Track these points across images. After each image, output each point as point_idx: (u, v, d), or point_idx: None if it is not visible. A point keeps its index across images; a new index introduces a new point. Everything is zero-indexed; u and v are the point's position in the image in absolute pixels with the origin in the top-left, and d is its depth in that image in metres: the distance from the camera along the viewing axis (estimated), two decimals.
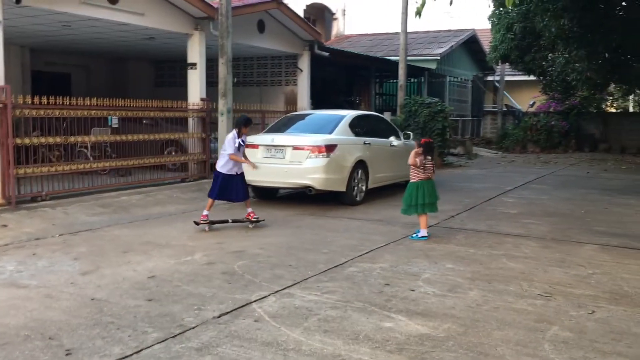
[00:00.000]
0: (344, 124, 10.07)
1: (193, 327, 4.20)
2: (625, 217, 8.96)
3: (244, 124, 8.02)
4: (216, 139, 12.00)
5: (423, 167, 7.40)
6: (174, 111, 11.47)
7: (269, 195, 10.64)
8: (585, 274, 5.67)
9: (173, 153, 12.37)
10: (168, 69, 18.04)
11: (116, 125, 10.36)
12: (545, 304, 4.76)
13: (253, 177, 9.84)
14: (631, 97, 28.77)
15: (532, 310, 4.60)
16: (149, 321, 4.33)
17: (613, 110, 28.13)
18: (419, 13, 9.29)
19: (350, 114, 10.64)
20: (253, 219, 8.03)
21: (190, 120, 11.98)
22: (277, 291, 5.06)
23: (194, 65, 12.27)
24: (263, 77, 16.43)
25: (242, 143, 8.02)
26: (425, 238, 7.21)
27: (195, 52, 12.24)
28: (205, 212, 7.87)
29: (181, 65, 16.82)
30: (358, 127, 10.39)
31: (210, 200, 8.02)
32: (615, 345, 3.91)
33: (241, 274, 5.63)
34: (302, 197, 10.39)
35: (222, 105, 11.59)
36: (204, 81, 12.34)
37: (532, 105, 26.84)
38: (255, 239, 7.27)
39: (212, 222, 7.86)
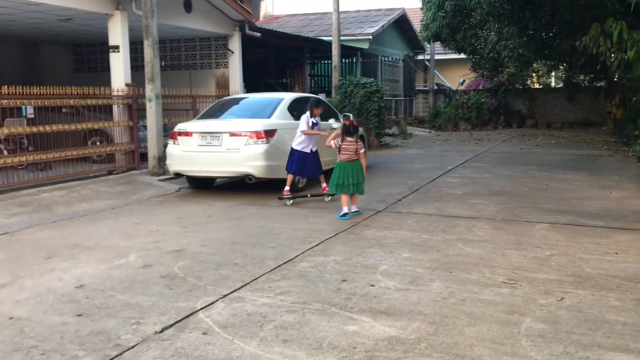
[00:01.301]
0: (282, 108, 9.58)
1: (132, 347, 3.67)
2: (566, 193, 8.98)
3: (315, 105, 8.70)
4: (145, 126, 11.22)
5: (339, 148, 7.53)
6: (97, 98, 10.59)
7: (205, 185, 10.03)
8: (544, 256, 5.50)
9: (98, 143, 11.49)
10: (87, 54, 16.88)
11: (31, 116, 9.42)
12: (511, 292, 4.52)
13: (187, 166, 9.29)
14: (553, 73, 29.66)
15: (500, 300, 4.34)
16: (80, 342, 3.76)
17: (537, 86, 28.92)
18: None
19: (288, 96, 10.16)
20: (330, 193, 8.45)
21: (115, 108, 11.13)
22: (225, 295, 4.58)
23: (116, 48, 11.38)
24: (192, 60, 15.60)
25: (315, 122, 8.62)
26: (346, 218, 7.31)
27: (118, 34, 11.35)
28: (286, 188, 8.52)
29: (102, 49, 15.79)
30: (297, 110, 9.89)
31: (290, 175, 8.59)
32: (593, 336, 3.69)
33: (183, 276, 5.10)
34: (240, 186, 9.87)
35: (150, 90, 10.84)
36: (128, 65, 11.48)
37: (462, 84, 27.15)
38: (194, 234, 6.71)
39: (294, 197, 8.48)
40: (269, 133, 8.89)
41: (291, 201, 8.40)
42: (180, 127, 9.58)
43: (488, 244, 5.98)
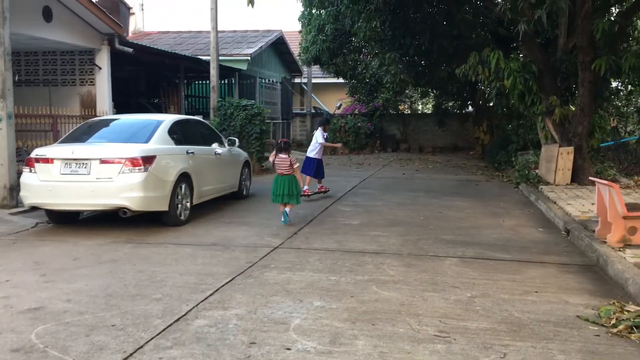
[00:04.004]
0: (162, 131, 8.53)
1: None
2: (462, 222, 8.81)
3: (327, 123, 12.09)
4: None
5: (273, 164, 8.68)
6: None
7: (68, 220, 8.66)
8: (465, 299, 5.04)
9: None
10: None
11: None
12: (448, 349, 3.96)
13: (47, 199, 7.98)
14: (422, 99, 30.81)
15: None
16: None
17: (409, 112, 29.86)
18: (251, 2, 8.28)
19: (168, 118, 9.09)
20: (326, 190, 11.44)
21: None
22: None
23: None
24: (52, 76, 13.88)
25: (325, 137, 11.56)
26: (284, 222, 8.38)
27: None
28: (305, 187, 10.67)
29: None
30: (178, 133, 8.92)
31: (308, 177, 11.02)
32: None
33: (43, 348, 3.98)
34: (110, 220, 8.63)
35: (0, 109, 9.26)
36: None
37: (339, 107, 27.29)
38: (57, 285, 5.50)
39: (309, 195, 10.83)
40: (147, 160, 7.81)
41: (309, 197, 10.79)
42: (38, 152, 8.17)
43: (404, 286, 5.44)
